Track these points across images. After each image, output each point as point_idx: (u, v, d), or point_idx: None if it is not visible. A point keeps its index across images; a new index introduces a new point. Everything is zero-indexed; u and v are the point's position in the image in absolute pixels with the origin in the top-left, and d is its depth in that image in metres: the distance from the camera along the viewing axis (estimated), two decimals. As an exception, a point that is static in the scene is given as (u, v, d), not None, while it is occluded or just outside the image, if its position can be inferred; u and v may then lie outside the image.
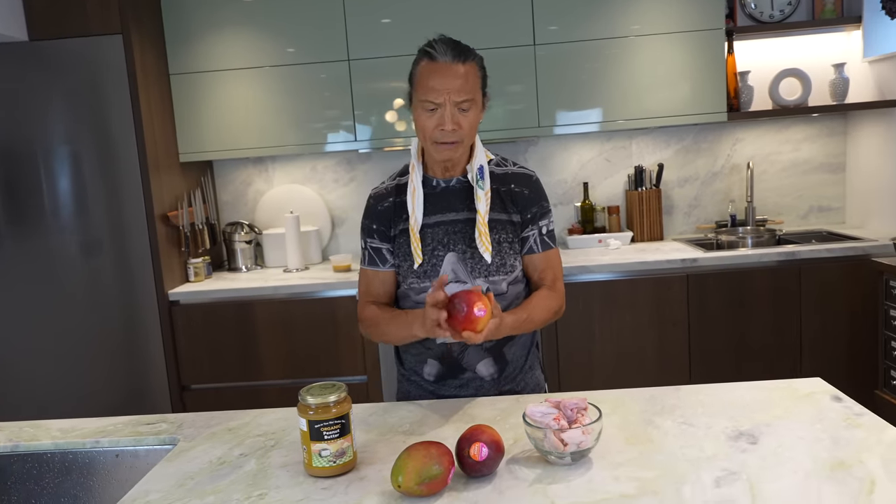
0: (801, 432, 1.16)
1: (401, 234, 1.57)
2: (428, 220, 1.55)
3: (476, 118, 1.51)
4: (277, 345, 2.92)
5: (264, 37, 3.05)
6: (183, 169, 3.16)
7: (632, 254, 3.00)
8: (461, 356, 1.56)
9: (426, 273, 1.54)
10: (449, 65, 1.44)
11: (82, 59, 2.79)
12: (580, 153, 3.42)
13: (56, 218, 2.86)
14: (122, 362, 2.92)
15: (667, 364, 2.87)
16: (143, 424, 1.40)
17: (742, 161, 3.39)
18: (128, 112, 2.81)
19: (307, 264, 3.30)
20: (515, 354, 1.60)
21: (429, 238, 1.54)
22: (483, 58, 1.54)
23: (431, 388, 1.61)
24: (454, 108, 1.45)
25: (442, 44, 1.47)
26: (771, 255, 2.84)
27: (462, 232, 1.53)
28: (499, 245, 1.54)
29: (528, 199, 1.58)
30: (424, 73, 1.47)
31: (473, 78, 1.48)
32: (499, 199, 1.56)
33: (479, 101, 1.51)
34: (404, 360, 1.67)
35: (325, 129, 3.11)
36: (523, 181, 1.59)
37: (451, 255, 1.53)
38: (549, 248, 1.60)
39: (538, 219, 1.59)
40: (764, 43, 3.30)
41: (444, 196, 1.57)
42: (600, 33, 2.99)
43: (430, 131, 1.48)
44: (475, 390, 1.58)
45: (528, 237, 1.58)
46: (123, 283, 2.89)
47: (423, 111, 1.48)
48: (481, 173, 1.53)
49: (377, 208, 1.61)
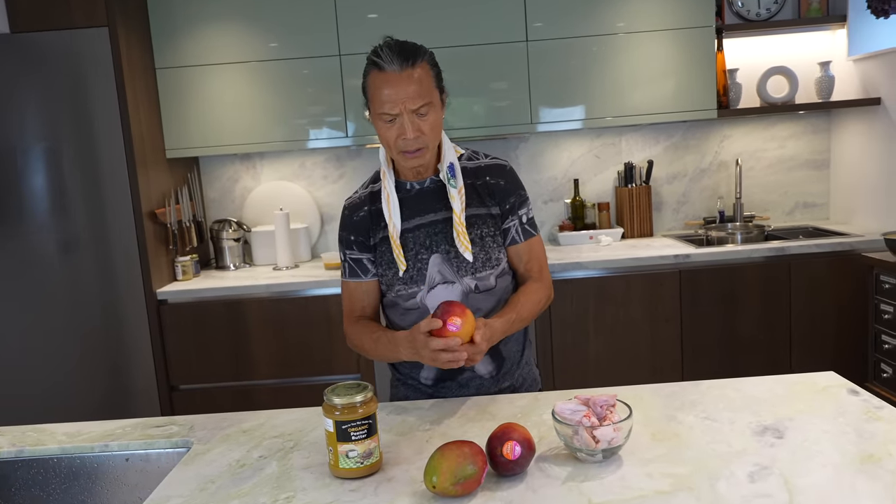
0: (824, 426, 1.17)
1: (381, 243, 1.54)
2: (407, 224, 1.52)
3: (437, 119, 1.46)
4: (268, 344, 2.87)
5: (253, 31, 3.00)
6: (170, 165, 3.10)
7: (623, 250, 3.01)
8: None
9: (412, 279, 1.51)
10: (398, 73, 1.39)
11: (66, 52, 2.71)
12: (570, 150, 3.42)
13: (40, 216, 2.78)
14: (108, 363, 2.86)
15: (660, 359, 2.89)
16: (152, 427, 1.36)
17: (729, 158, 3.42)
18: (114, 107, 2.74)
19: (297, 262, 3.25)
20: (511, 350, 1.59)
21: (410, 243, 1.51)
22: (432, 53, 1.48)
23: (430, 392, 1.58)
24: (412, 115, 1.41)
25: (387, 50, 1.40)
26: (761, 251, 2.87)
27: (443, 232, 1.51)
28: (482, 240, 1.51)
29: (504, 190, 1.55)
30: (375, 84, 1.41)
31: (426, 79, 1.43)
32: (475, 193, 1.53)
33: (436, 101, 1.45)
34: (398, 365, 1.63)
35: (312, 125, 3.07)
36: (497, 172, 1.56)
37: (436, 256, 1.50)
38: (531, 236, 1.57)
39: (517, 208, 1.56)
40: (751, 41, 3.33)
41: (419, 198, 1.53)
42: (592, 30, 3.00)
43: (393, 141, 1.44)
44: (476, 389, 1.56)
45: (509, 228, 1.55)
46: (110, 282, 2.82)
47: (381, 123, 1.44)
48: (451, 171, 1.50)
49: (353, 219, 1.57)
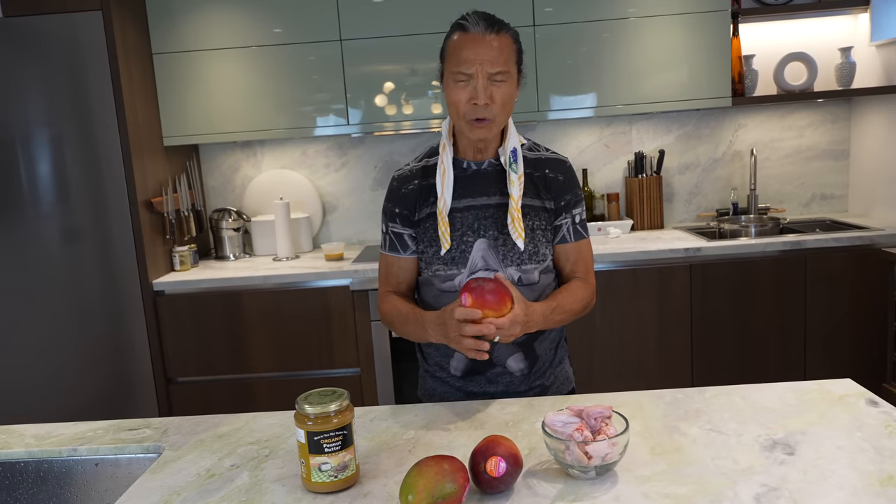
0: (839, 441, 1.07)
1: (427, 219, 1.48)
2: (457, 203, 1.46)
3: (511, 94, 1.42)
4: (267, 336, 2.81)
5: (253, 15, 2.91)
6: (167, 153, 3.03)
7: (633, 243, 2.91)
8: (491, 350, 1.47)
9: (454, 260, 1.45)
10: (482, 35, 1.37)
11: (60, 36, 2.64)
12: (579, 139, 3.32)
13: (33, 205, 2.73)
14: (105, 354, 2.81)
15: (669, 355, 2.80)
16: (124, 430, 1.29)
17: (744, 147, 3.30)
18: (108, 93, 2.67)
19: (297, 252, 3.18)
20: (545, 349, 1.52)
21: (458, 223, 1.46)
22: (518, 32, 1.46)
23: (459, 384, 1.52)
24: (487, 80, 1.37)
25: (475, 15, 1.39)
26: (776, 245, 2.76)
27: (493, 217, 1.45)
28: (532, 232, 1.45)
29: (562, 186, 1.50)
30: (456, 44, 1.39)
31: (508, 50, 1.40)
32: (532, 184, 1.48)
33: (513, 75, 1.42)
34: (427, 355, 1.57)
35: (316, 112, 2.98)
36: (558, 167, 1.51)
37: (482, 241, 1.44)
38: (581, 237, 1.51)
39: (572, 207, 1.50)
40: (769, 26, 3.20)
41: (474, 179, 1.48)
42: (603, 14, 2.88)
43: (462, 105, 1.39)
44: (505, 386, 1.49)
45: (561, 226, 1.49)
46: (106, 273, 2.77)
47: (454, 84, 1.39)
48: (514, 156, 1.45)
49: (401, 191, 1.51)
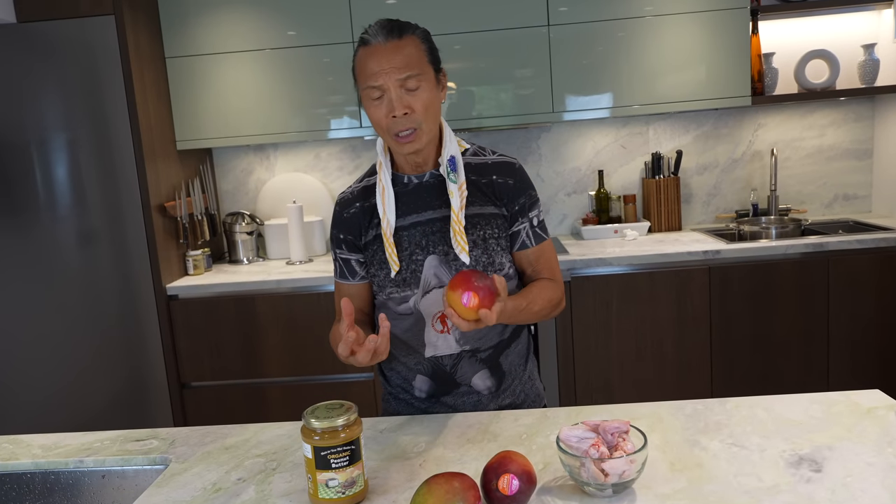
0: (869, 457, 1.03)
1: (374, 241, 1.42)
2: (402, 221, 1.40)
3: (430, 97, 1.33)
4: (281, 341, 2.79)
5: (265, 18, 2.90)
6: (181, 157, 3.03)
7: (650, 245, 2.86)
8: (454, 370, 1.42)
9: (405, 281, 1.39)
10: (383, 44, 1.30)
11: (73, 41, 2.65)
12: (595, 140, 3.27)
13: (47, 209, 2.73)
14: (120, 358, 2.81)
15: (687, 360, 2.74)
16: (132, 441, 1.27)
17: (764, 147, 3.24)
18: (121, 97, 2.67)
19: (311, 256, 3.17)
20: (512, 364, 1.46)
21: (405, 242, 1.39)
22: (427, 31, 1.38)
23: (423, 406, 1.46)
24: (399, 88, 1.29)
25: (375, 26, 1.32)
26: (797, 247, 2.69)
27: (441, 231, 1.39)
28: (484, 242, 1.39)
29: (514, 190, 1.42)
30: (361, 59, 1.32)
31: (415, 52, 1.32)
32: (478, 191, 1.41)
33: (429, 76, 1.33)
34: (388, 377, 1.51)
35: (329, 114, 2.96)
36: (506, 170, 1.44)
37: (432, 258, 1.38)
38: (542, 240, 1.45)
39: (527, 210, 1.44)
40: (789, 23, 3.14)
41: (417, 193, 1.41)
42: (617, 13, 2.84)
43: (384, 122, 1.32)
44: (472, 406, 1.44)
45: (519, 231, 1.43)
46: (120, 277, 2.76)
47: (370, 101, 1.32)
48: (453, 165, 1.37)
49: (342, 216, 1.46)
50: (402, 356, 1.45)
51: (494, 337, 1.43)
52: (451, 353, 1.41)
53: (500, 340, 1.44)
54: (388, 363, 1.49)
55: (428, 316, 1.40)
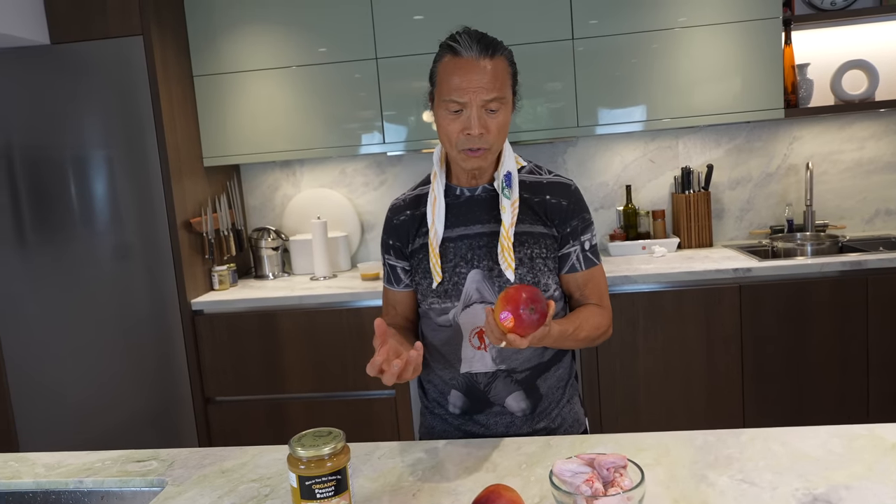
0: (890, 499, 0.96)
1: (420, 250, 1.42)
2: (450, 233, 1.39)
3: (506, 120, 1.35)
4: (303, 357, 2.79)
5: (291, 35, 2.92)
6: (208, 173, 3.07)
7: (678, 262, 2.78)
8: (488, 388, 1.40)
9: (447, 293, 1.38)
10: (475, 60, 1.29)
11: (104, 62, 2.71)
12: (622, 154, 3.21)
13: (81, 225, 2.79)
14: (147, 372, 2.84)
15: (717, 383, 2.65)
16: (132, 462, 1.27)
17: (799, 161, 3.13)
18: (149, 116, 2.72)
19: (335, 272, 3.17)
20: (551, 387, 1.43)
21: (450, 253, 1.38)
22: (512, 52, 1.38)
23: (457, 423, 1.45)
24: (481, 109, 1.30)
25: (466, 36, 1.30)
26: (833, 265, 2.59)
27: (488, 246, 1.37)
28: (531, 261, 1.37)
29: (566, 211, 1.40)
30: (447, 70, 1.31)
31: (503, 74, 1.32)
32: (530, 210, 1.39)
33: (509, 100, 1.35)
34: (427, 391, 1.51)
35: (354, 130, 2.97)
36: (560, 191, 1.42)
37: (476, 272, 1.37)
38: (593, 265, 1.42)
39: (580, 233, 1.41)
40: (824, 33, 3.03)
41: (468, 206, 1.41)
42: (644, 26, 2.78)
43: (455, 136, 1.32)
44: (505, 427, 1.41)
45: (569, 254, 1.40)
46: (149, 292, 2.80)
47: (446, 113, 1.32)
48: (508, 181, 1.37)
49: (393, 222, 1.47)
50: (439, 369, 1.44)
51: (533, 359, 1.40)
52: (486, 372, 1.39)
53: (538, 363, 1.41)
54: (427, 374, 1.49)
55: (466, 330, 1.39)
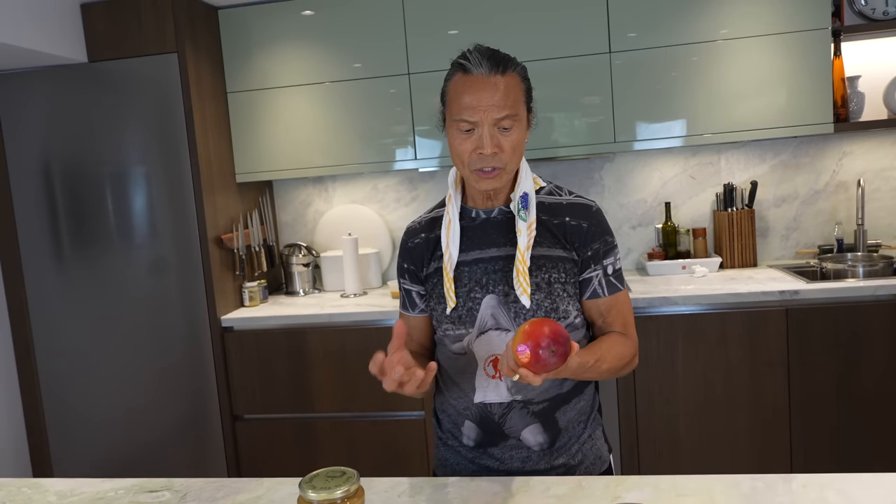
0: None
1: (434, 274, 1.37)
2: (465, 256, 1.33)
3: (520, 139, 1.28)
4: (331, 376, 2.75)
5: (325, 52, 2.91)
6: (240, 189, 3.06)
7: (721, 283, 2.67)
8: (503, 420, 1.32)
9: (461, 319, 1.31)
10: (485, 77, 1.24)
11: (139, 79, 2.73)
12: (662, 170, 3.11)
13: (113, 241, 2.80)
14: (177, 388, 2.83)
15: (763, 413, 2.52)
16: (145, 492, 1.23)
17: (849, 178, 2.99)
18: (182, 132, 2.73)
19: (365, 289, 3.12)
20: (570, 421, 1.34)
21: (465, 278, 1.32)
22: (526, 67, 1.32)
23: (471, 456, 1.37)
24: (493, 127, 1.24)
25: (477, 53, 1.26)
26: (888, 288, 2.44)
27: (504, 271, 1.31)
28: (549, 286, 1.29)
29: (587, 234, 1.33)
30: (458, 88, 1.26)
31: (515, 91, 1.26)
32: (549, 232, 1.32)
33: (523, 117, 1.28)
34: (441, 421, 1.44)
35: (387, 146, 2.93)
36: (581, 213, 1.34)
37: (491, 297, 1.30)
38: (616, 290, 1.34)
39: (602, 257, 1.33)
40: (876, 44, 2.90)
41: (484, 229, 1.35)
42: (684, 38, 2.69)
43: (468, 156, 1.27)
44: (521, 462, 1.33)
45: (590, 279, 1.33)
46: (179, 308, 2.80)
47: (457, 132, 1.27)
48: (524, 202, 1.31)
49: (408, 245, 1.42)
50: (453, 398, 1.38)
51: (551, 389, 1.33)
52: (501, 402, 1.32)
53: (557, 394, 1.33)
54: (441, 404, 1.43)
55: (480, 359, 1.33)
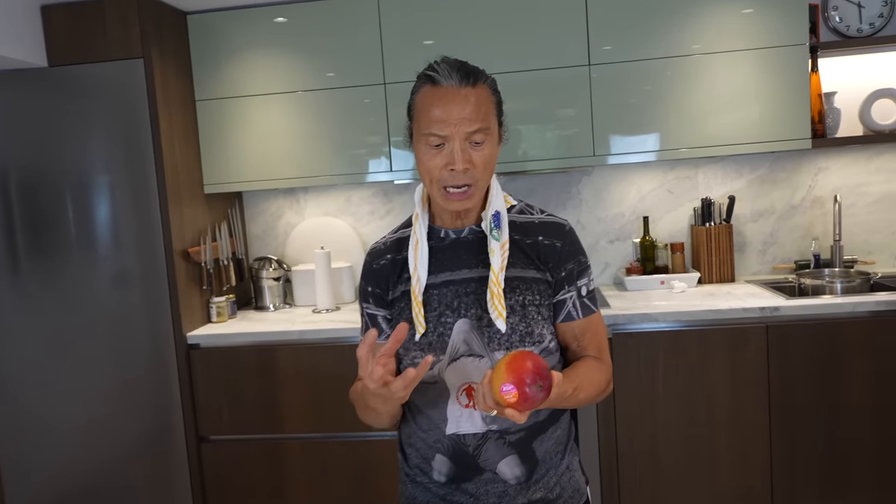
0: None
1: (401, 298, 1.29)
2: (434, 279, 1.26)
3: (492, 154, 1.22)
4: (303, 395, 2.65)
5: (298, 60, 2.82)
6: (208, 200, 2.95)
7: (700, 298, 2.64)
8: (477, 452, 1.24)
9: (431, 345, 1.24)
10: (455, 89, 1.18)
11: (103, 85, 2.61)
12: (640, 184, 3.08)
13: (73, 252, 2.67)
14: (140, 407, 2.70)
15: (744, 432, 2.48)
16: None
17: (825, 193, 2.99)
18: (148, 141, 2.62)
19: (338, 304, 3.03)
20: (548, 451, 1.27)
21: (435, 301, 1.25)
22: (496, 80, 1.26)
23: (443, 493, 1.29)
24: (465, 141, 1.18)
25: (445, 65, 1.20)
26: (867, 304, 2.43)
27: (476, 293, 1.24)
28: (523, 309, 1.23)
29: (561, 254, 1.27)
30: (426, 100, 1.20)
31: (486, 104, 1.20)
32: (521, 252, 1.26)
33: (494, 131, 1.22)
34: (409, 456, 1.35)
35: (361, 157, 2.85)
36: (554, 232, 1.29)
37: (463, 322, 1.23)
38: (591, 312, 1.29)
39: (576, 278, 1.28)
40: (852, 60, 2.91)
41: (453, 250, 1.28)
42: (663, 51, 2.67)
43: (438, 172, 1.20)
44: (497, 497, 1.25)
45: (564, 301, 1.27)
46: (143, 324, 2.67)
47: (426, 147, 1.20)
48: (497, 221, 1.24)
49: (372, 267, 1.34)
50: (422, 430, 1.29)
51: (528, 419, 1.24)
52: (476, 433, 1.24)
53: (534, 422, 1.26)
54: (409, 438, 1.33)
55: (453, 387, 1.25)
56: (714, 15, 2.63)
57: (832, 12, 2.86)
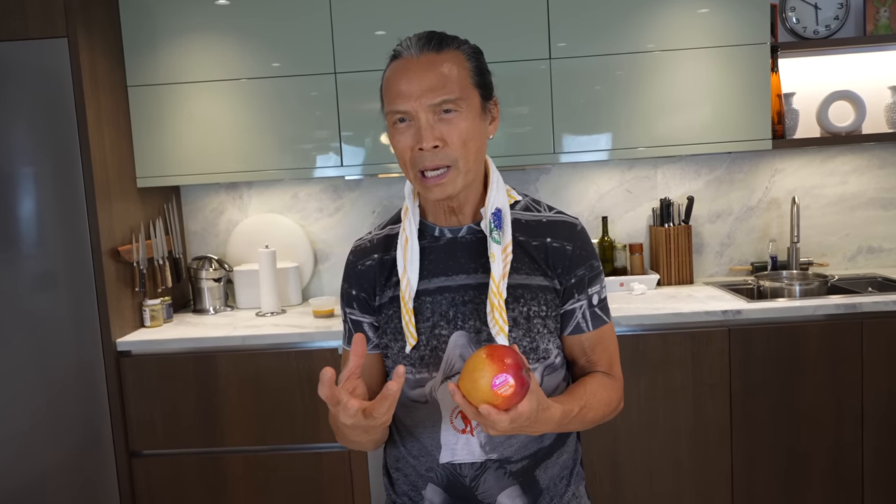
0: None
1: (389, 304, 1.13)
2: (427, 284, 1.11)
3: (471, 128, 1.06)
4: (245, 405, 2.46)
5: (242, 45, 2.63)
6: (142, 195, 2.73)
7: (661, 301, 2.57)
8: (475, 483, 1.11)
9: (423, 360, 1.09)
10: (416, 58, 1.05)
11: (21, 65, 2.36)
12: (598, 183, 3.00)
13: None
14: (66, 420, 2.46)
15: (705, 436, 2.43)
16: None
17: (781, 194, 2.98)
18: (73, 129, 2.38)
19: (284, 307, 2.85)
20: (553, 478, 1.15)
21: (428, 310, 1.10)
22: (478, 48, 1.13)
23: None
24: (430, 114, 1.03)
25: (412, 37, 1.08)
26: (826, 307, 2.41)
27: (474, 302, 1.10)
28: (527, 322, 1.09)
29: (572, 258, 1.13)
30: (390, 77, 1.07)
31: (457, 70, 1.06)
32: (527, 256, 1.12)
33: (472, 102, 1.07)
34: (395, 481, 1.20)
35: (309, 151, 2.68)
36: (565, 233, 1.14)
37: (459, 334, 1.09)
38: (602, 323, 1.16)
39: (587, 285, 1.14)
40: (810, 62, 2.90)
41: (449, 251, 1.13)
42: (625, 47, 2.59)
43: (408, 154, 1.05)
44: None
45: (573, 311, 1.13)
46: (67, 329, 2.43)
47: (393, 128, 1.06)
48: (497, 220, 1.09)
49: (356, 267, 1.18)
50: (413, 456, 1.15)
51: (531, 445, 1.12)
52: (473, 462, 1.10)
53: (538, 449, 1.13)
54: (396, 462, 1.18)
55: (447, 410, 1.10)
56: (672, 12, 2.57)
57: (790, 13, 2.85)
